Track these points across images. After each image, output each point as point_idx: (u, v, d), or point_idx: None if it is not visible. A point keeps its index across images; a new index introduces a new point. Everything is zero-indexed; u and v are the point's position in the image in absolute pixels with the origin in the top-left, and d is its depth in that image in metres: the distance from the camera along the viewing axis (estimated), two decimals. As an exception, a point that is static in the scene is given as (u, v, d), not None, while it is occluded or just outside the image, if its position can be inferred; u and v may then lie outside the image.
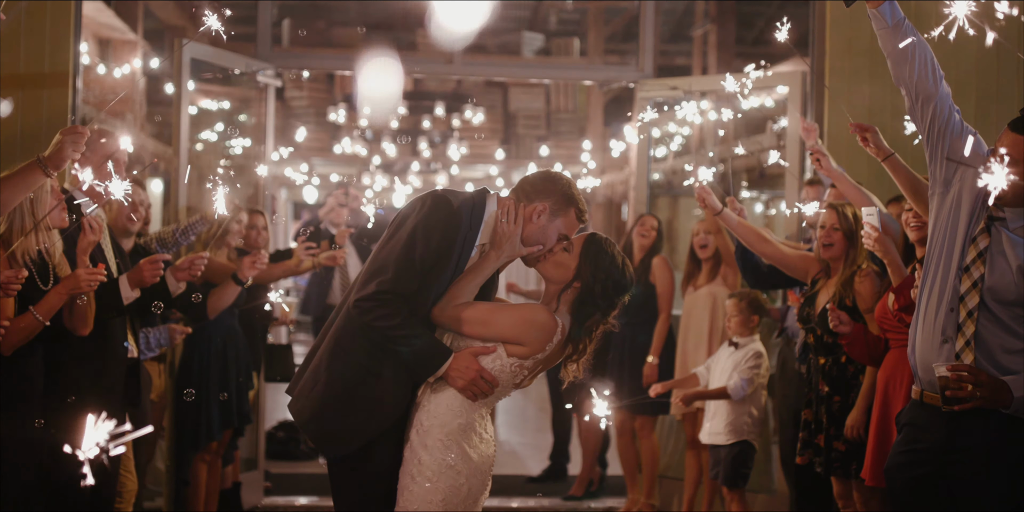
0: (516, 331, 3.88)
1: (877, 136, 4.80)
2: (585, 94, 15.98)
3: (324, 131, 15.61)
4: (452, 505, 3.82)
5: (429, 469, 3.82)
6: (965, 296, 3.95)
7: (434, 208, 3.88)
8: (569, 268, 3.98)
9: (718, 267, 7.43)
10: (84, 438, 2.95)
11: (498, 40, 15.76)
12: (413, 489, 3.82)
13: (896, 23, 4.04)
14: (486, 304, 3.98)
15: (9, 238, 4.44)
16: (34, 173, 3.98)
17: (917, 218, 5.11)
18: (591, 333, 3.99)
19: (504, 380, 3.89)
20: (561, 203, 4.00)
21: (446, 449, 3.83)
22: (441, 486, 3.81)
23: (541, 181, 4.05)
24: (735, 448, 6.53)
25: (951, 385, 3.79)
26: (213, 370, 6.66)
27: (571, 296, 3.98)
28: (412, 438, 3.87)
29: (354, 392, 3.89)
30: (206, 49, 7.50)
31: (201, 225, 6.52)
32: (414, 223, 3.86)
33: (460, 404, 3.87)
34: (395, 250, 3.84)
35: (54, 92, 6.57)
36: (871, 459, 5.28)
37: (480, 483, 3.90)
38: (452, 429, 3.85)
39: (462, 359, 3.85)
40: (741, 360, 6.54)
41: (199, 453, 6.69)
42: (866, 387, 5.51)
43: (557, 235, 4.01)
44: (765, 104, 8.98)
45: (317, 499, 8.22)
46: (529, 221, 3.98)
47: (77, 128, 4.06)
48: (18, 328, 4.34)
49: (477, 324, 3.89)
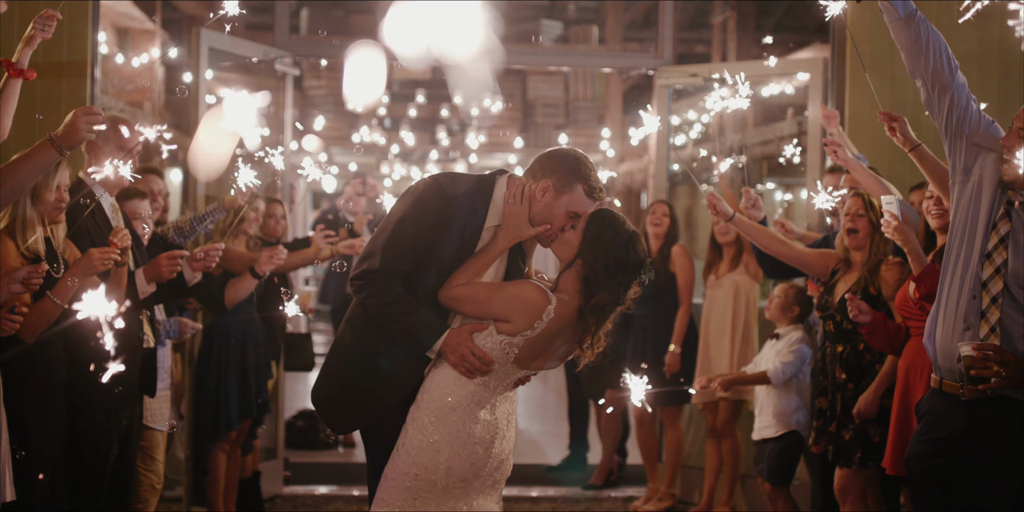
0: (503, 308, 3.86)
1: (905, 126, 4.76)
2: (604, 82, 15.94)
3: (342, 120, 15.60)
4: (427, 483, 3.85)
5: (411, 442, 3.86)
6: (988, 282, 3.94)
7: (424, 191, 3.91)
8: (573, 245, 3.95)
9: (740, 255, 7.38)
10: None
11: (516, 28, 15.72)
12: (395, 458, 3.89)
13: (908, 15, 4.05)
14: (483, 283, 3.96)
15: (14, 231, 4.43)
16: (47, 152, 3.95)
17: (938, 206, 5.07)
18: (599, 313, 3.91)
19: (497, 358, 3.86)
20: (566, 180, 3.94)
21: (431, 425, 3.85)
22: (419, 460, 3.85)
23: (546, 158, 4.03)
24: (781, 442, 6.41)
25: (976, 365, 3.77)
26: (232, 360, 6.65)
27: (576, 274, 3.93)
28: (410, 411, 3.91)
29: (365, 372, 3.95)
30: (224, 38, 7.47)
31: (219, 213, 6.51)
32: (404, 210, 3.91)
33: (452, 381, 3.88)
34: (385, 232, 3.90)
35: (72, 81, 6.56)
36: (892, 448, 5.24)
37: (466, 464, 3.89)
38: (441, 405, 3.87)
39: (455, 335, 3.88)
40: (784, 348, 6.48)
41: (218, 443, 6.69)
42: (883, 373, 5.47)
43: (567, 213, 3.95)
44: (785, 91, 8.93)
45: (337, 488, 8.22)
46: (535, 199, 3.95)
47: (92, 108, 4.03)
48: (37, 314, 4.33)
49: (471, 302, 3.90)
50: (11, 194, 4.01)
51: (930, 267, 4.91)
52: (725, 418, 7.31)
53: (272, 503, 7.70)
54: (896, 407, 5.26)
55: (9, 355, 4.22)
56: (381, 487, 3.89)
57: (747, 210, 6.02)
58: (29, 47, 4.16)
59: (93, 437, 4.81)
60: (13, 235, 4.41)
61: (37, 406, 4.43)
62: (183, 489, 7.00)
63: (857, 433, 5.53)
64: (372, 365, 3.94)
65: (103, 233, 4.90)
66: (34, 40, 4.16)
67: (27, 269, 4.01)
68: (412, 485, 3.85)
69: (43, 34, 4.20)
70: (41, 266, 4.06)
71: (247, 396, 6.70)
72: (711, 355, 7.44)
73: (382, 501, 3.88)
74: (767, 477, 6.46)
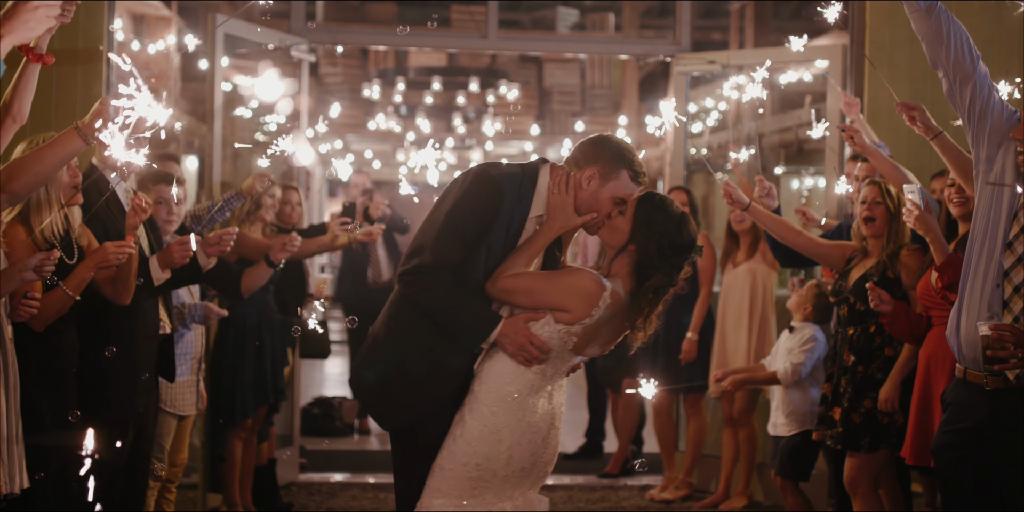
0: (560, 298, 3.84)
1: (925, 115, 4.73)
2: (620, 70, 15.89)
3: (358, 107, 15.58)
4: (488, 472, 3.83)
5: (471, 432, 3.83)
6: (1010, 271, 3.92)
7: (475, 182, 3.87)
8: (624, 231, 3.94)
9: (757, 244, 7.34)
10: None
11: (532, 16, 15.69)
12: (452, 448, 3.84)
13: (929, 5, 4.02)
14: (533, 273, 3.95)
15: (28, 215, 4.42)
16: (73, 141, 3.92)
17: (960, 194, 5.04)
18: (654, 296, 3.93)
19: (555, 346, 3.86)
20: (610, 166, 3.92)
21: (492, 415, 3.83)
22: (480, 450, 3.82)
23: (589, 146, 3.99)
24: (794, 439, 6.35)
25: (993, 345, 3.75)
26: (248, 347, 6.65)
27: (628, 259, 3.93)
28: (465, 402, 3.88)
29: (414, 366, 3.90)
30: (240, 25, 7.46)
31: (236, 201, 6.50)
32: (455, 198, 3.86)
33: (511, 371, 3.86)
34: (436, 224, 3.84)
35: (88, 68, 6.56)
36: (912, 438, 5.22)
37: (526, 453, 3.88)
38: (500, 395, 3.85)
39: (512, 325, 3.84)
40: (796, 345, 6.44)
41: (234, 430, 6.69)
42: (902, 361, 5.44)
43: (613, 199, 3.93)
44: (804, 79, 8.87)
45: (352, 475, 8.23)
46: (580, 188, 3.92)
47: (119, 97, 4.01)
48: (48, 304, 4.32)
49: (523, 294, 3.87)
50: (34, 182, 3.99)
51: (953, 256, 4.88)
52: (742, 408, 7.29)
53: (288, 490, 7.71)
54: (916, 396, 5.23)
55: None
56: (435, 478, 3.84)
57: (761, 199, 5.98)
58: (48, 32, 4.14)
59: (107, 424, 4.81)
60: (27, 220, 4.41)
61: (50, 393, 4.42)
62: (199, 476, 7.01)
63: (866, 417, 5.50)
64: (422, 360, 3.91)
65: (116, 220, 4.89)
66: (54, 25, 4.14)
67: (39, 256, 4.00)
68: (474, 475, 3.83)
69: (62, 19, 4.17)
70: (53, 253, 4.04)
71: (263, 383, 6.71)
72: (727, 344, 7.42)
73: (438, 491, 3.84)
74: (779, 472, 6.42)
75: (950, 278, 4.82)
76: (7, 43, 3.39)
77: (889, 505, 5.69)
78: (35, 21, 3.54)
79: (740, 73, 7.57)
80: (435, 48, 12.96)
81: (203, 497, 6.94)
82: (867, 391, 5.51)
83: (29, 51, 4.04)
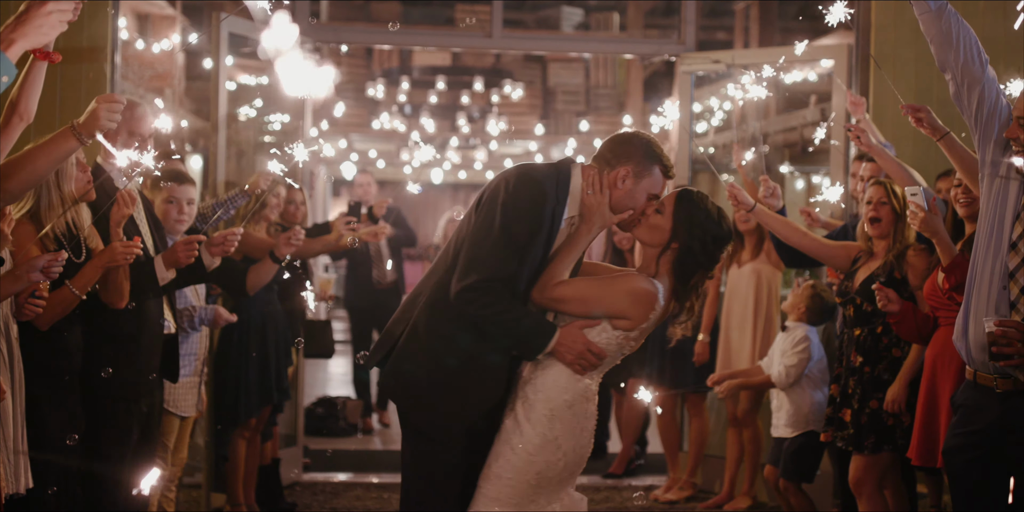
0: (618, 305, 3.84)
1: (931, 116, 4.72)
2: (624, 69, 15.87)
3: (362, 106, 15.58)
4: (545, 479, 3.84)
5: (531, 442, 3.82)
6: (1016, 272, 3.92)
7: (520, 186, 3.82)
8: (664, 230, 3.93)
9: (761, 244, 7.32)
10: None
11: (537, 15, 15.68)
12: (511, 458, 3.84)
13: (938, 8, 4.04)
14: (582, 281, 3.94)
15: (37, 213, 4.41)
16: (68, 141, 3.91)
17: (967, 195, 5.03)
18: (696, 290, 3.95)
19: (611, 352, 3.87)
20: (644, 164, 3.93)
21: (550, 424, 3.83)
22: (539, 459, 3.83)
23: (619, 145, 3.99)
24: (798, 440, 6.35)
25: (998, 341, 3.74)
26: (252, 346, 6.64)
27: (671, 257, 3.93)
28: (517, 409, 3.87)
29: (459, 377, 3.87)
30: (244, 23, 7.45)
31: (240, 199, 6.49)
32: (503, 204, 3.80)
33: (567, 379, 3.86)
34: (489, 235, 3.79)
35: (92, 67, 6.55)
36: (917, 438, 5.20)
37: (578, 458, 3.91)
38: (558, 404, 3.85)
39: (569, 333, 3.83)
40: (788, 347, 6.43)
41: (238, 429, 6.68)
42: (910, 362, 5.42)
43: (646, 196, 3.94)
44: (809, 78, 8.86)
45: (356, 475, 8.22)
46: (615, 187, 3.92)
47: (114, 96, 3.99)
48: (54, 303, 4.31)
49: (576, 302, 3.86)
50: (27, 182, 3.96)
51: (959, 258, 4.86)
52: (746, 408, 7.27)
53: (291, 490, 7.70)
54: (923, 397, 5.21)
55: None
56: (493, 487, 3.84)
57: (766, 199, 5.97)
58: None
59: (112, 425, 4.80)
60: (37, 217, 4.40)
61: (53, 393, 4.41)
62: (203, 476, 7.00)
63: (871, 418, 5.48)
64: (465, 368, 3.88)
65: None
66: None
67: (47, 257, 3.99)
68: (534, 482, 3.84)
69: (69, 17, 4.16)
70: (61, 255, 4.03)
71: (267, 383, 6.69)
72: (732, 344, 7.40)
73: (496, 501, 3.84)
74: (783, 473, 6.41)
75: (957, 280, 4.81)
76: (20, 48, 3.38)
77: (894, 506, 5.68)
78: (48, 26, 3.53)
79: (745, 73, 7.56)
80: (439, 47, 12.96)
81: (207, 497, 6.93)
82: (873, 392, 5.50)
83: (36, 49, 4.03)
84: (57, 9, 3.56)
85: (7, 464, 3.99)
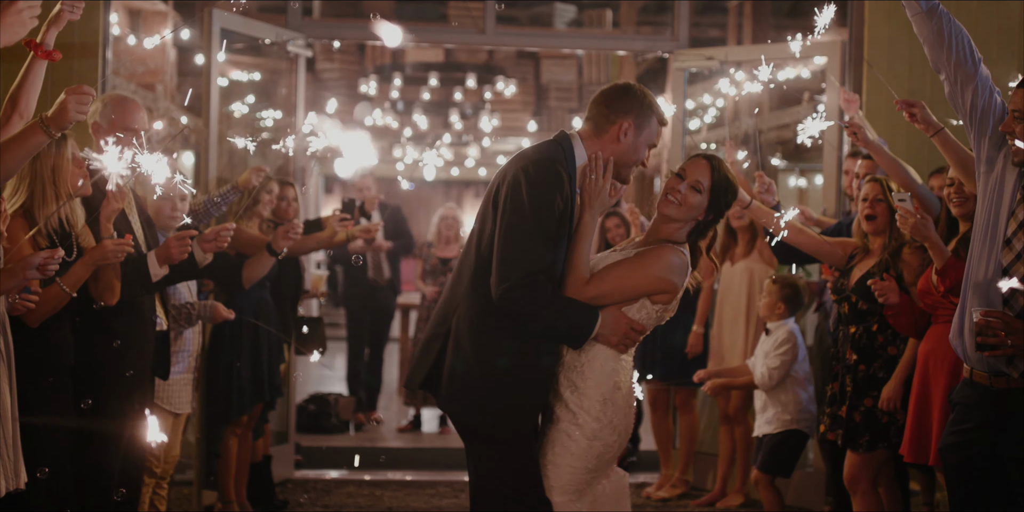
0: (655, 283, 3.87)
1: (925, 111, 4.73)
2: (617, 66, 15.85)
3: (355, 103, 15.55)
4: (604, 461, 3.90)
5: (588, 428, 3.86)
6: (1009, 268, 3.92)
7: (539, 174, 3.79)
8: (703, 207, 3.96)
9: (754, 241, 7.31)
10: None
11: (530, 12, 15.65)
12: (569, 445, 3.87)
13: (930, 8, 4.06)
14: (612, 272, 3.90)
15: (31, 208, 4.39)
16: (36, 135, 3.88)
17: (959, 194, 5.02)
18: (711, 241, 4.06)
19: (649, 326, 3.90)
20: (644, 115, 3.94)
21: (603, 408, 3.87)
22: (598, 444, 3.87)
23: (616, 98, 3.97)
24: (779, 436, 6.41)
25: (984, 331, 3.75)
26: (244, 343, 6.61)
27: (693, 223, 3.99)
28: (566, 397, 3.89)
29: (516, 378, 3.85)
30: (236, 19, 7.42)
31: (232, 195, 6.47)
32: (529, 195, 3.76)
33: (612, 361, 3.89)
34: (521, 228, 3.75)
35: (83, 63, 6.52)
36: (910, 435, 5.20)
37: (626, 438, 3.96)
38: (608, 387, 3.88)
39: (610, 315, 3.84)
40: (771, 348, 6.44)
41: (229, 426, 6.66)
42: (906, 359, 5.42)
43: (648, 146, 3.97)
44: (802, 75, 8.84)
45: (347, 472, 8.21)
46: (616, 142, 3.92)
47: (82, 87, 3.96)
48: (44, 300, 4.29)
49: (616, 294, 3.87)
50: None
51: (952, 260, 4.86)
52: (738, 405, 7.27)
53: (283, 487, 7.69)
54: (915, 394, 5.21)
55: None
56: (552, 475, 3.86)
57: (760, 195, 5.96)
58: (55, 28, 4.10)
59: (103, 422, 4.78)
60: (30, 213, 4.38)
61: (44, 391, 4.39)
62: (194, 473, 6.98)
63: (866, 415, 5.48)
64: (523, 368, 3.85)
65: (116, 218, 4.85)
66: (60, 21, 4.10)
67: (43, 255, 3.96)
68: (594, 465, 3.88)
69: (71, 15, 4.14)
70: (57, 252, 4.01)
71: (259, 380, 6.67)
72: (724, 341, 7.40)
73: (557, 489, 3.86)
74: (759, 465, 6.48)
75: (952, 282, 4.80)
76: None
77: (888, 503, 5.68)
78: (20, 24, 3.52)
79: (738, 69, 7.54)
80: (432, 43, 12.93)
81: (198, 494, 6.91)
82: (868, 390, 5.50)
83: (37, 47, 4.01)
84: (27, 6, 3.56)
85: (7, 460, 3.97)
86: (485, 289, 3.82)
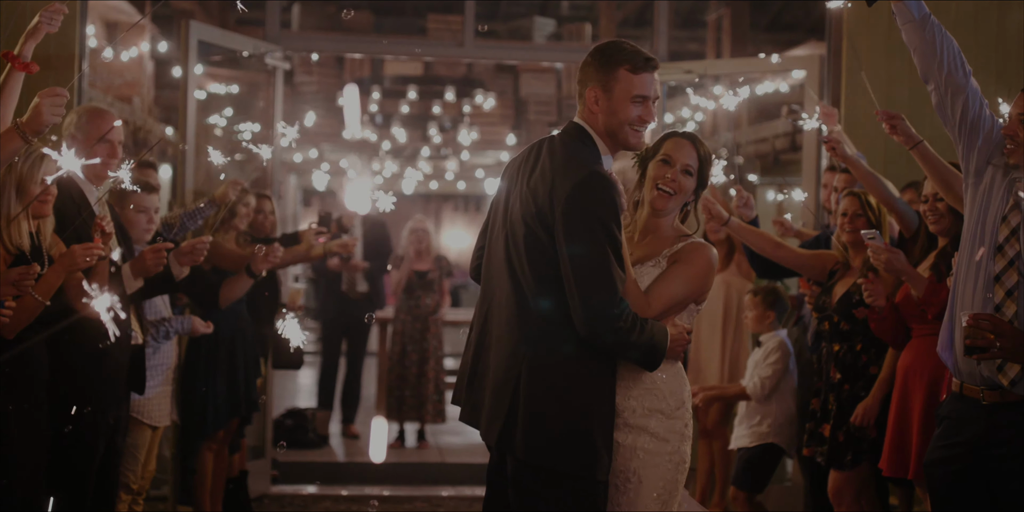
0: (699, 289, 3.83)
1: (904, 123, 4.72)
2: (597, 79, 15.85)
3: (333, 116, 15.51)
4: (684, 468, 3.80)
5: (668, 443, 3.75)
6: (1001, 275, 3.91)
7: (600, 190, 3.55)
8: (692, 188, 3.94)
9: (732, 255, 7.30)
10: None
11: (509, 25, 15.65)
12: (656, 464, 3.73)
13: (922, 17, 4.05)
14: (666, 285, 3.76)
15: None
16: (12, 139, 3.86)
17: (934, 212, 5.01)
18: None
19: (689, 324, 3.85)
20: (604, 73, 3.69)
21: (681, 420, 3.79)
22: (677, 458, 3.77)
23: (581, 69, 3.79)
24: (755, 450, 6.38)
25: (973, 335, 3.72)
26: (221, 357, 6.56)
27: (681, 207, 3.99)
28: (637, 423, 3.73)
29: (592, 411, 3.61)
30: (214, 31, 7.40)
31: (208, 209, 6.43)
32: (596, 211, 3.53)
33: (677, 372, 3.81)
34: (598, 252, 3.51)
35: (60, 75, 6.47)
36: (889, 449, 5.20)
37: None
38: (681, 399, 3.80)
39: (669, 327, 3.69)
40: (761, 358, 6.42)
41: (205, 441, 6.61)
42: (882, 379, 5.40)
43: (632, 100, 3.68)
44: (780, 89, 8.86)
45: (324, 487, 8.16)
46: (594, 112, 3.73)
47: (56, 90, 3.93)
48: (19, 310, 4.24)
49: (678, 305, 3.79)
50: None
51: (931, 287, 4.86)
52: (716, 419, 7.25)
53: (260, 502, 7.64)
54: (894, 408, 5.20)
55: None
56: (653, 505, 3.72)
57: (739, 209, 5.95)
58: (33, 40, 4.08)
59: (78, 436, 4.72)
60: None
61: (18, 404, 4.34)
62: (169, 488, 6.93)
63: (849, 435, 5.47)
64: (596, 399, 3.61)
65: (88, 226, 4.81)
66: (39, 33, 4.08)
67: (19, 271, 3.93)
68: (682, 477, 3.81)
69: (49, 28, 4.13)
70: (33, 267, 3.98)
71: (235, 394, 6.62)
72: (702, 355, 7.38)
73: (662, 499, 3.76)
74: (734, 481, 6.47)
75: (938, 308, 4.77)
76: None
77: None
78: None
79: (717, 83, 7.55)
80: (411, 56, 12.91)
81: (173, 509, 6.86)
82: (851, 409, 5.48)
83: (15, 59, 3.99)
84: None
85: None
86: (553, 327, 3.60)
